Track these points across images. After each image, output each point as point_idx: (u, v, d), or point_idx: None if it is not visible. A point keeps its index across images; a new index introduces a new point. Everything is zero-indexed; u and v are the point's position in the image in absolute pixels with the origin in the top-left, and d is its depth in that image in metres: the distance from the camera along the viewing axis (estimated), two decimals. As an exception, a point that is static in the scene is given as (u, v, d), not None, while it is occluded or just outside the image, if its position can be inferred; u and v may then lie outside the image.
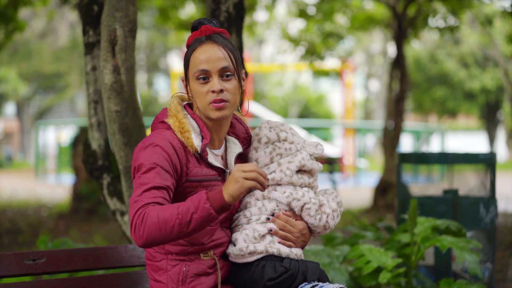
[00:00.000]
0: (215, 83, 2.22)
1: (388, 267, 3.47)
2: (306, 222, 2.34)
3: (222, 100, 2.22)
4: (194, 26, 2.31)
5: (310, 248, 3.69)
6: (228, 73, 2.24)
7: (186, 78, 2.30)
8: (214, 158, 2.30)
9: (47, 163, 23.21)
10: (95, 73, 3.37)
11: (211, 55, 2.23)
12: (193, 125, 2.26)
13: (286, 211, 2.33)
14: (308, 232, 2.35)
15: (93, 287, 2.47)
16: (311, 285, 2.27)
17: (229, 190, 2.02)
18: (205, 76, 2.23)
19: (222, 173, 2.30)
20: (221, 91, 2.23)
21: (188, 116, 2.28)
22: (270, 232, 2.28)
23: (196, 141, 2.23)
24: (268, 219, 2.29)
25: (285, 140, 2.38)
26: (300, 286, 2.27)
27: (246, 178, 2.02)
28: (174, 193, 2.20)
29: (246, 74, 3.47)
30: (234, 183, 2.02)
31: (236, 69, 2.27)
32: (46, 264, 2.39)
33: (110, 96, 3.06)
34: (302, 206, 2.32)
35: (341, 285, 2.25)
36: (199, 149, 2.23)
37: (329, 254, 3.64)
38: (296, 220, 2.33)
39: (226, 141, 2.39)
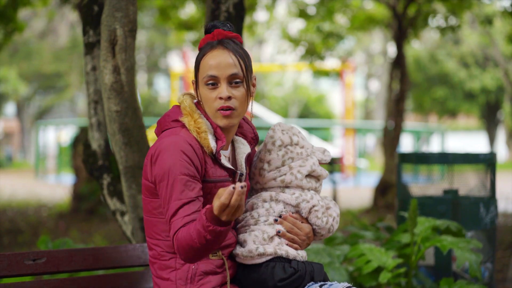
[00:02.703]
0: (223, 89, 2.21)
1: (388, 267, 3.47)
2: (312, 224, 2.36)
3: (229, 108, 2.21)
4: (208, 29, 2.29)
5: (311, 247, 3.69)
6: (237, 80, 2.23)
7: (196, 82, 2.28)
8: (225, 160, 2.30)
9: (47, 163, 23.21)
10: (95, 73, 3.37)
11: (221, 61, 2.21)
12: (208, 126, 2.25)
13: (292, 213, 2.34)
14: (313, 235, 2.37)
15: (93, 287, 2.47)
16: (318, 284, 2.29)
17: (219, 211, 1.98)
18: (213, 82, 2.22)
19: (232, 174, 2.30)
20: (229, 98, 2.21)
21: (202, 116, 2.27)
22: (278, 234, 2.30)
23: (212, 142, 2.22)
24: (275, 220, 2.30)
25: (297, 144, 2.39)
26: (308, 285, 2.29)
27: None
28: None
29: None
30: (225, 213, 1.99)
31: (245, 76, 2.25)
32: (46, 264, 2.39)
33: (110, 96, 3.06)
34: (311, 208, 2.34)
35: (349, 284, 2.27)
36: (214, 151, 2.22)
37: (329, 254, 3.64)
38: (302, 223, 2.34)
39: (234, 142, 2.39)
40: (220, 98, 2.21)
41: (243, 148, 2.38)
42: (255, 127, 2.46)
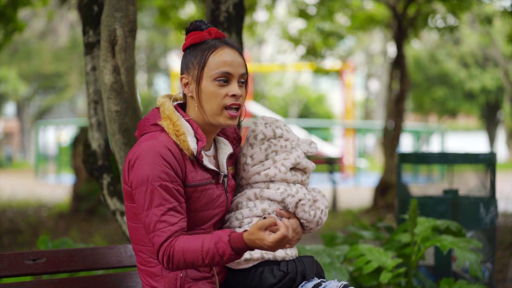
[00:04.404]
0: (236, 87, 2.21)
1: (388, 267, 3.47)
2: (299, 219, 2.30)
3: (238, 108, 2.22)
4: (198, 26, 2.28)
5: (311, 248, 3.69)
6: (243, 80, 2.25)
7: (198, 77, 2.22)
8: (208, 160, 2.27)
9: (47, 163, 23.21)
10: (95, 73, 3.37)
11: (234, 59, 2.22)
12: (187, 127, 2.22)
13: (279, 209, 2.29)
14: (301, 229, 2.32)
15: (93, 287, 2.47)
16: (313, 283, 2.25)
17: (250, 241, 2.04)
18: (226, 79, 2.21)
19: (216, 176, 2.27)
20: (240, 96, 2.22)
21: (181, 118, 2.24)
22: None
23: (192, 144, 2.19)
24: None
25: (280, 137, 2.35)
26: (301, 285, 2.26)
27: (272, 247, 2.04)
28: None
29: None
30: (258, 245, 2.03)
31: (247, 77, 2.28)
32: (46, 264, 2.39)
33: (110, 96, 3.06)
34: (297, 202, 2.29)
35: (345, 282, 2.23)
36: (195, 152, 2.19)
37: (329, 254, 3.64)
38: (289, 218, 2.29)
39: (216, 142, 2.36)
40: (233, 95, 2.20)
41: (225, 148, 2.35)
42: (237, 127, 2.45)
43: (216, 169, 2.26)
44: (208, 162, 2.25)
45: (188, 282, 2.19)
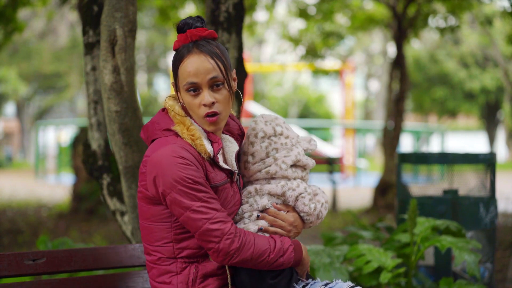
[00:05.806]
0: (206, 96, 2.19)
1: (388, 267, 3.47)
2: (299, 212, 2.34)
3: (214, 113, 2.20)
4: (180, 28, 2.24)
5: (311, 248, 3.69)
6: (218, 82, 2.21)
7: (176, 85, 2.26)
8: (222, 161, 2.29)
9: (47, 163, 23.20)
10: (95, 73, 3.37)
11: (199, 66, 2.18)
12: (201, 131, 2.23)
13: (277, 204, 2.32)
14: (301, 223, 2.35)
15: (93, 287, 2.47)
16: (323, 283, 2.30)
17: (304, 254, 2.33)
18: (195, 88, 2.20)
19: (230, 175, 2.29)
20: (213, 103, 2.20)
21: (194, 122, 2.25)
22: (261, 230, 2.29)
23: (208, 147, 2.20)
24: (258, 216, 2.30)
25: (281, 134, 2.37)
26: (311, 284, 2.30)
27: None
28: None
29: (246, 74, 3.44)
30: (306, 259, 2.34)
31: (225, 76, 2.22)
32: (46, 264, 2.39)
33: (110, 96, 3.06)
34: (297, 196, 2.33)
35: (353, 284, 2.27)
36: (212, 154, 2.21)
37: (329, 254, 3.64)
38: (287, 212, 2.32)
39: (222, 140, 2.37)
40: (204, 105, 2.20)
41: (232, 146, 2.36)
42: (240, 122, 2.46)
43: (230, 168, 2.29)
44: (223, 163, 2.27)
45: (200, 277, 2.21)
